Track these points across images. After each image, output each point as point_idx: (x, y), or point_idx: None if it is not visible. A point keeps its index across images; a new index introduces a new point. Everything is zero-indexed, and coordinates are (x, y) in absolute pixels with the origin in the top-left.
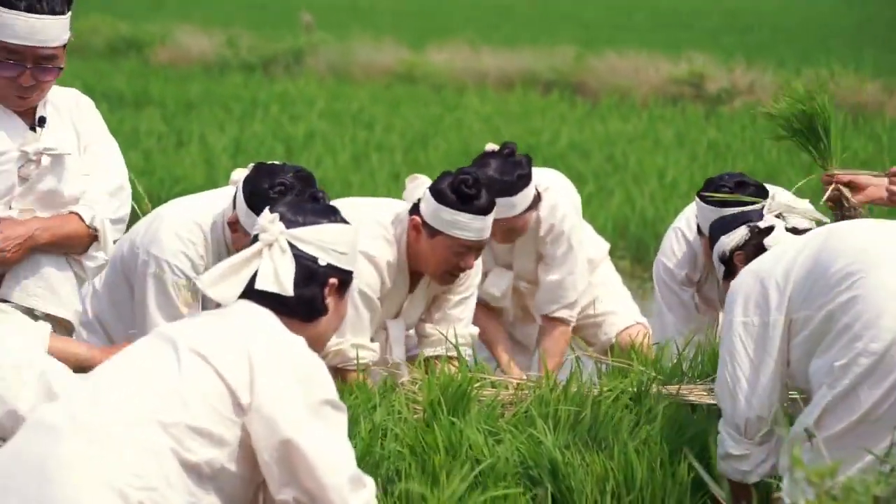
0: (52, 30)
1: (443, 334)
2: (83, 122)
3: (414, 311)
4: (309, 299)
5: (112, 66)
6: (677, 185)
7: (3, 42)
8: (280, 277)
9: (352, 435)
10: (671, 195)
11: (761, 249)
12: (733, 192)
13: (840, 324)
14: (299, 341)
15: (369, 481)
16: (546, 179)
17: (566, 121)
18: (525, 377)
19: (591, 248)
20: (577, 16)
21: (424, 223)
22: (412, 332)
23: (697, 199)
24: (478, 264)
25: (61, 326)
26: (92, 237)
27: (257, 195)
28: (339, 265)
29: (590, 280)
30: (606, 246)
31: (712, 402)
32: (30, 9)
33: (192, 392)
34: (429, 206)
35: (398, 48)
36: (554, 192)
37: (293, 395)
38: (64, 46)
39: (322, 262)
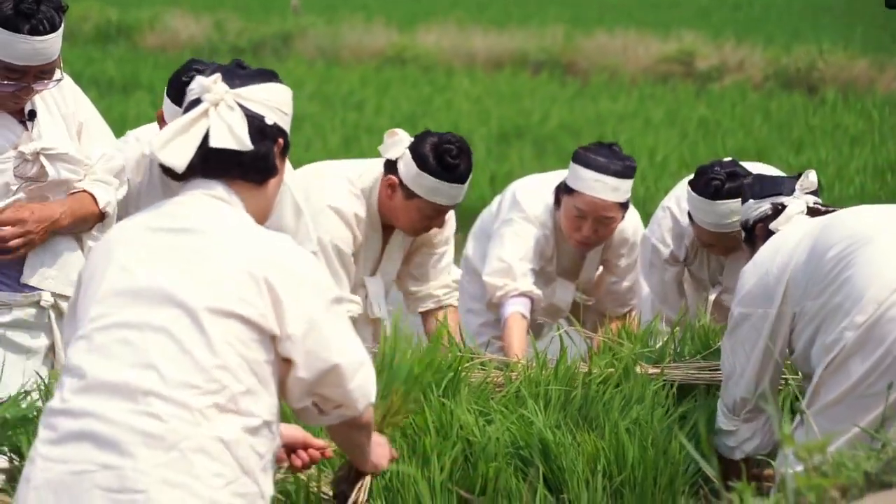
0: (53, 46)
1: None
2: (67, 102)
3: (391, 266)
4: (264, 156)
5: (101, 51)
6: (668, 163)
7: (6, 62)
8: (235, 132)
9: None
10: (662, 173)
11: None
12: (725, 183)
13: (832, 304)
14: (287, 242)
15: (371, 365)
16: None
17: (556, 101)
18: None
19: None
20: None
21: (402, 183)
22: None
23: (689, 187)
24: (451, 216)
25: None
26: (100, 216)
27: (177, 84)
28: (283, 125)
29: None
30: None
31: (701, 381)
32: (33, 31)
33: (230, 358)
34: (409, 170)
35: (387, 30)
36: (631, 210)
37: (317, 310)
38: (59, 55)
39: (269, 121)
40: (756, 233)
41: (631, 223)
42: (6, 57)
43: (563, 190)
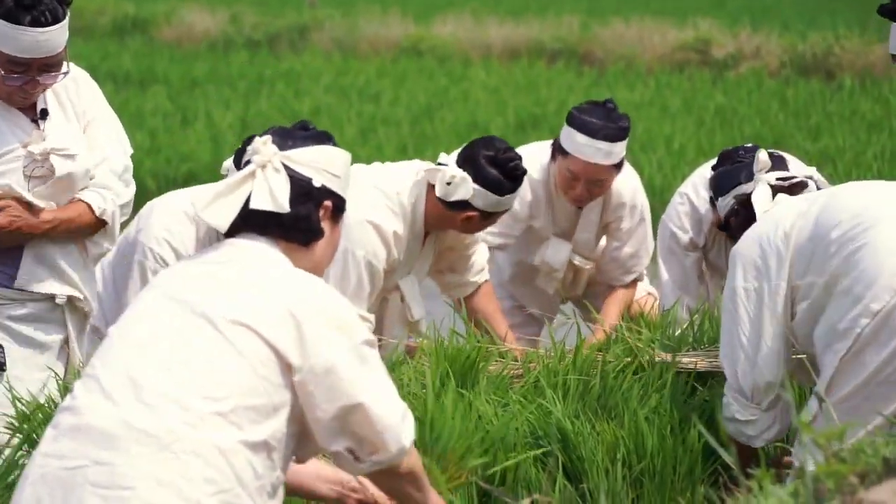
0: (56, 38)
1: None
2: (82, 99)
3: (424, 264)
4: (305, 218)
5: (117, 45)
6: (685, 151)
7: (10, 55)
8: (275, 194)
9: None
10: (679, 162)
11: (753, 216)
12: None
13: (841, 286)
14: (320, 282)
15: (410, 414)
16: None
17: (573, 90)
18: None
19: None
20: None
21: (482, 212)
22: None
23: (712, 172)
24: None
25: (79, 309)
26: (100, 222)
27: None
28: (333, 188)
29: None
30: None
31: (720, 368)
32: (34, 23)
33: (242, 370)
34: (488, 200)
35: (403, 21)
36: (627, 169)
37: (341, 349)
38: (65, 47)
39: (317, 184)
40: (732, 226)
41: (629, 186)
42: (9, 50)
43: (557, 149)
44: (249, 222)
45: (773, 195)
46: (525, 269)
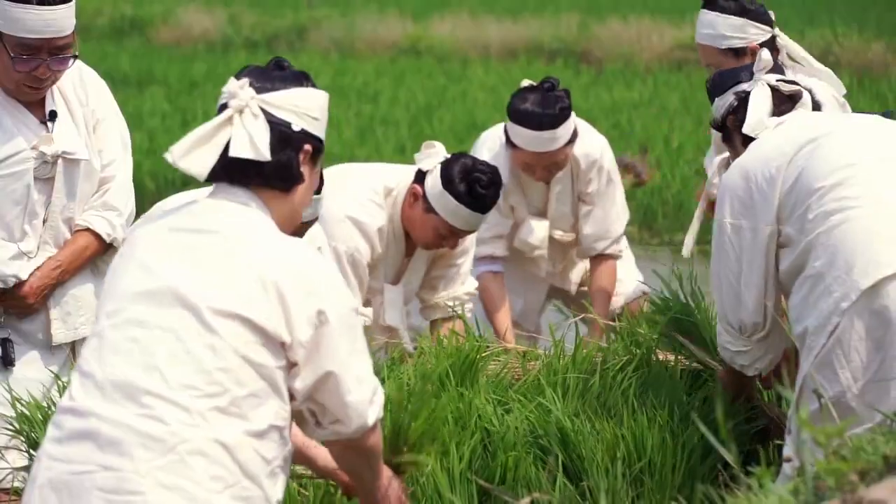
0: (64, 19)
1: (453, 304)
2: (90, 99)
3: (415, 277)
4: (286, 164)
5: (115, 46)
6: (683, 150)
7: (18, 37)
8: (255, 142)
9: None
10: (678, 161)
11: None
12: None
13: (813, 268)
14: (304, 248)
15: (381, 393)
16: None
17: (571, 89)
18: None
19: None
20: None
21: (425, 196)
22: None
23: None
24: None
25: None
26: (105, 246)
27: None
28: (312, 131)
29: None
30: None
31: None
32: (42, 1)
33: (234, 364)
34: (435, 186)
35: (401, 21)
36: (587, 130)
37: (324, 316)
38: (73, 31)
39: (296, 128)
40: (729, 126)
41: (594, 150)
42: (19, 32)
43: (508, 140)
44: (229, 170)
45: (773, 97)
46: (515, 255)
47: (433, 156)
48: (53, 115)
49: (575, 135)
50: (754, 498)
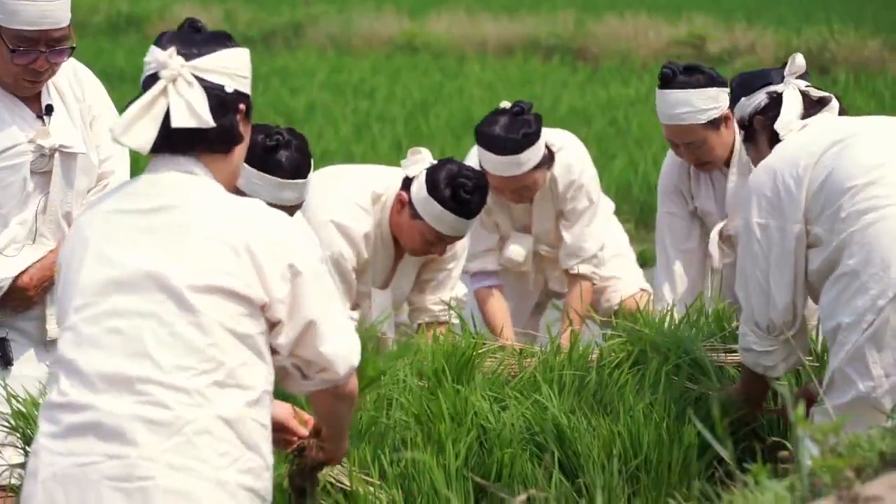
0: (61, 10)
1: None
2: (86, 94)
3: (404, 282)
4: (228, 128)
5: (112, 43)
6: None
7: (16, 30)
8: (196, 110)
9: (357, 406)
10: None
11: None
12: (676, 74)
13: (847, 266)
14: (261, 206)
15: (355, 331)
16: (559, 140)
17: (567, 86)
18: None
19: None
20: None
21: (411, 202)
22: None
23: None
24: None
25: None
26: None
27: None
28: (243, 90)
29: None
30: (611, 205)
31: (717, 362)
32: None
33: (221, 336)
34: (420, 192)
35: (398, 18)
36: (568, 151)
37: (296, 269)
38: (70, 24)
39: (229, 89)
40: (756, 126)
41: (576, 165)
42: (16, 24)
43: (480, 163)
44: (173, 141)
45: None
46: (504, 268)
47: (419, 162)
48: (50, 110)
49: (547, 159)
50: (750, 495)
